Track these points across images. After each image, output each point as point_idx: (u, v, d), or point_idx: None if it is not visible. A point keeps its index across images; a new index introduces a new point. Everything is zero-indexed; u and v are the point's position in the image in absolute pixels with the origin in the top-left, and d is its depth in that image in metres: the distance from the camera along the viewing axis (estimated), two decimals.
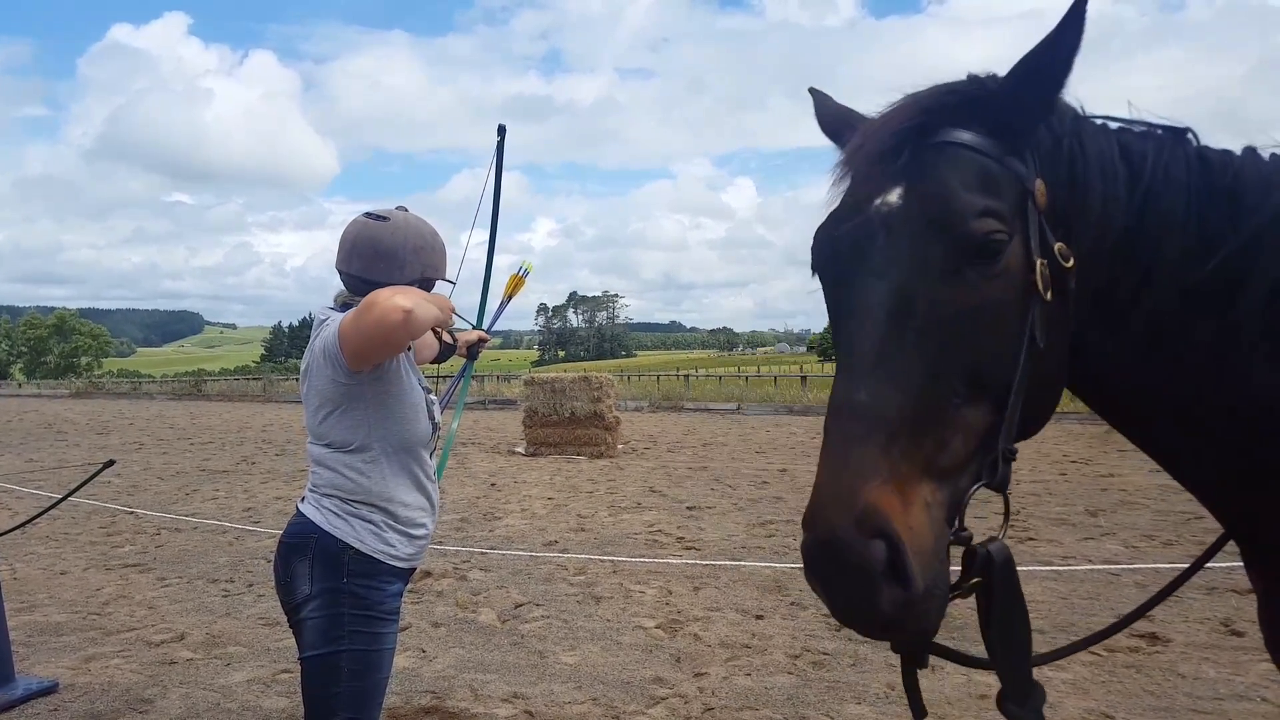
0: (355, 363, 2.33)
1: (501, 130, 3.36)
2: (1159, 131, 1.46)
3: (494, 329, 3.54)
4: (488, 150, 3.35)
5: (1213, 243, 1.38)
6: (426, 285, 2.64)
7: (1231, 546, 1.61)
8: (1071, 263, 1.33)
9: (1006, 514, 1.37)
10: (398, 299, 2.21)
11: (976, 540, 1.29)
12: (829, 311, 1.40)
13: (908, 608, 1.15)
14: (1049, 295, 1.31)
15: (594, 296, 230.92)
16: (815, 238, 1.43)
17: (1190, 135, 1.46)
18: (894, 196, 1.31)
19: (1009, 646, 1.34)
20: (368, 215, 2.59)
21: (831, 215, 1.40)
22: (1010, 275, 1.29)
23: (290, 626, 2.47)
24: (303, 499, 2.51)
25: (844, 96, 1.66)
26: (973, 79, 1.39)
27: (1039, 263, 1.30)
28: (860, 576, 1.14)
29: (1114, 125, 1.47)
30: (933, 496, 1.22)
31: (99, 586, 6.77)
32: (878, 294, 1.27)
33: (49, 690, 4.58)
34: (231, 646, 5.30)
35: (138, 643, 5.39)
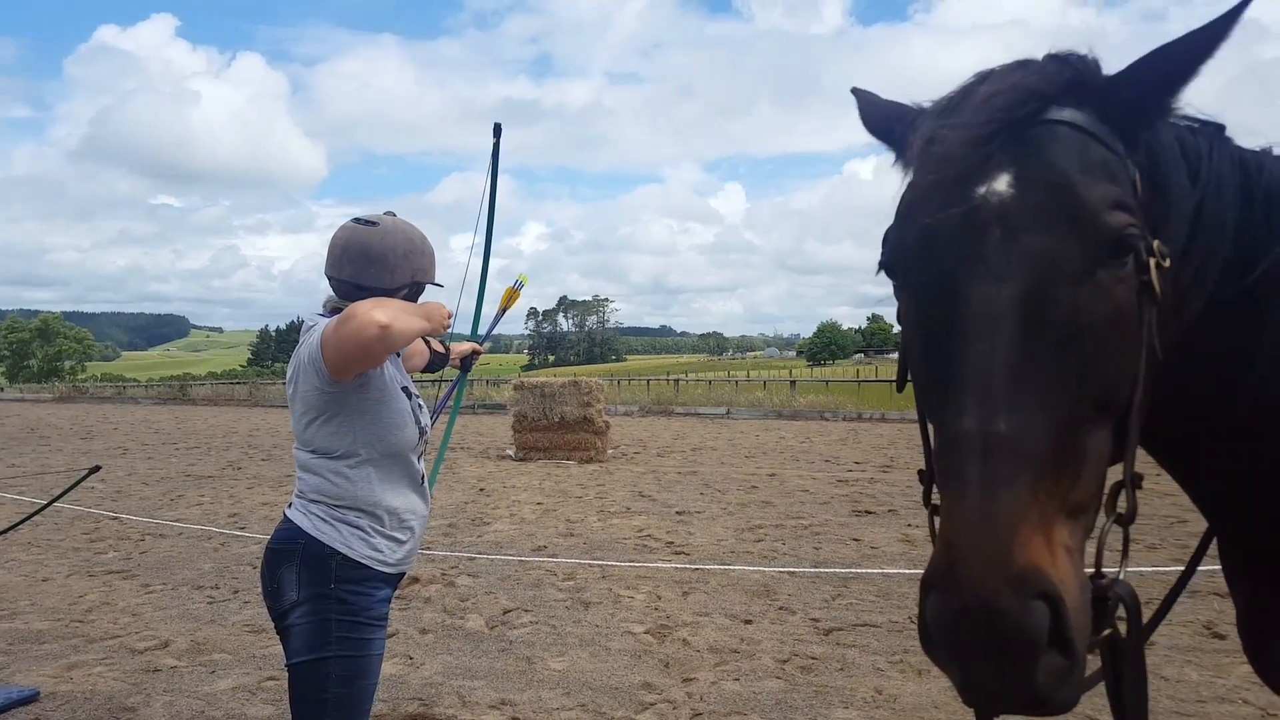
0: (336, 373, 2.33)
1: (497, 129, 3.36)
2: (1198, 126, 1.38)
3: (486, 337, 3.55)
4: (478, 153, 3.36)
5: (1251, 247, 1.33)
6: (417, 289, 2.65)
7: (1212, 549, 1.61)
8: (1169, 263, 1.20)
9: (1126, 549, 1.21)
10: (375, 313, 2.20)
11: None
12: (915, 318, 1.21)
13: (1069, 679, 1.01)
14: (1160, 299, 1.18)
15: (584, 301, 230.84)
16: (897, 230, 1.24)
17: (1225, 132, 1.40)
18: (1003, 184, 1.14)
19: (1137, 701, 1.21)
20: (356, 220, 2.60)
21: (917, 205, 1.21)
22: (1134, 277, 1.15)
23: (277, 633, 2.46)
24: (290, 505, 2.51)
25: (832, 104, 1.60)
26: (1074, 58, 1.25)
27: (1151, 262, 1.16)
28: (1022, 648, 0.97)
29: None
30: (1070, 539, 1.06)
31: (82, 593, 6.71)
32: (1002, 301, 1.09)
33: (30, 699, 4.53)
34: (216, 654, 5.26)
35: (121, 650, 5.34)
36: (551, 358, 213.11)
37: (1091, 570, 1.13)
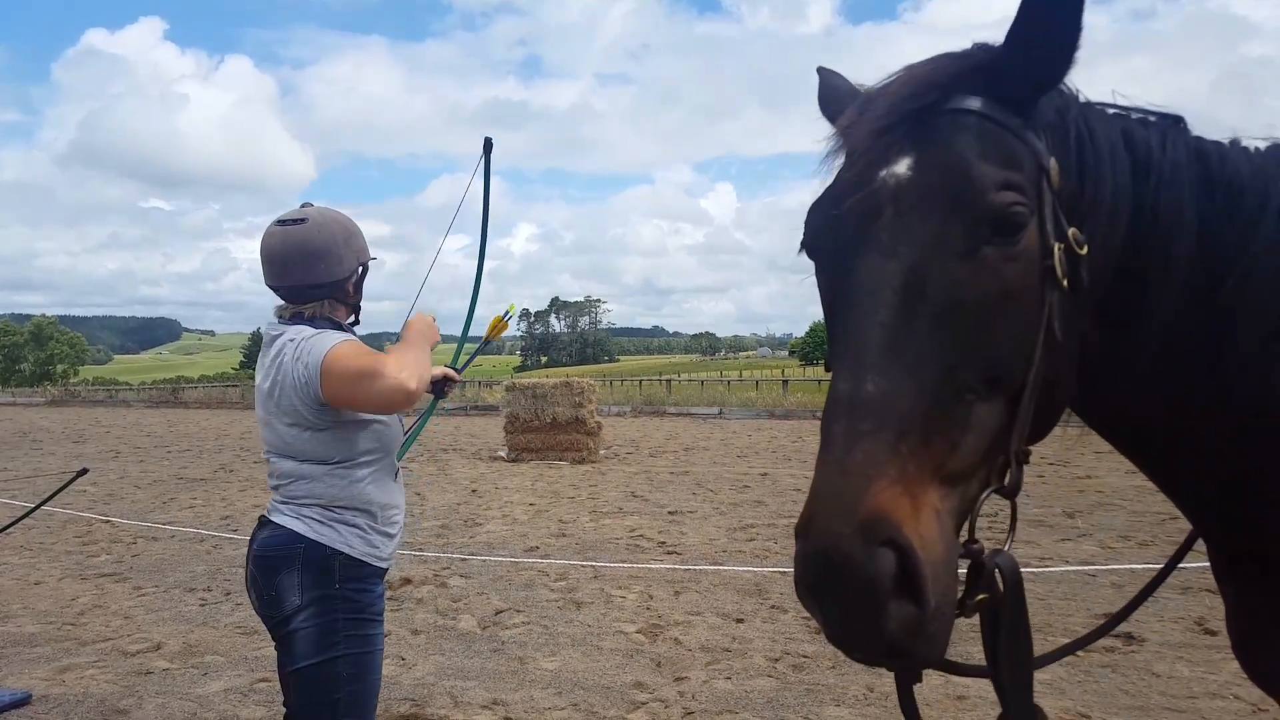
0: (336, 404, 2.37)
1: (488, 144, 3.30)
2: (1154, 119, 1.40)
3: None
4: (467, 156, 3.35)
5: (1216, 239, 1.34)
6: (363, 274, 2.63)
7: (1200, 547, 1.62)
8: (1085, 250, 1.23)
9: (1014, 523, 1.25)
10: (405, 379, 2.28)
11: (985, 551, 1.16)
12: (824, 295, 1.27)
13: (918, 628, 1.02)
14: (1066, 284, 1.20)
15: (576, 301, 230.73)
16: (810, 213, 1.30)
17: (1184, 124, 1.41)
18: (902, 167, 1.19)
19: (1015, 668, 1.23)
20: (280, 223, 2.53)
21: (829, 190, 1.28)
22: (1029, 258, 1.18)
23: (276, 639, 2.45)
24: (270, 511, 2.50)
25: (812, 99, 1.60)
26: (979, 46, 1.29)
27: (1057, 247, 1.19)
28: (866, 591, 1.00)
29: (1111, 112, 1.39)
30: (942, 503, 1.09)
31: (74, 596, 6.70)
32: (887, 274, 1.14)
33: (22, 702, 4.53)
34: (209, 656, 5.26)
35: (113, 653, 5.34)
36: (544, 359, 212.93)
37: (966, 537, 1.16)
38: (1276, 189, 1.36)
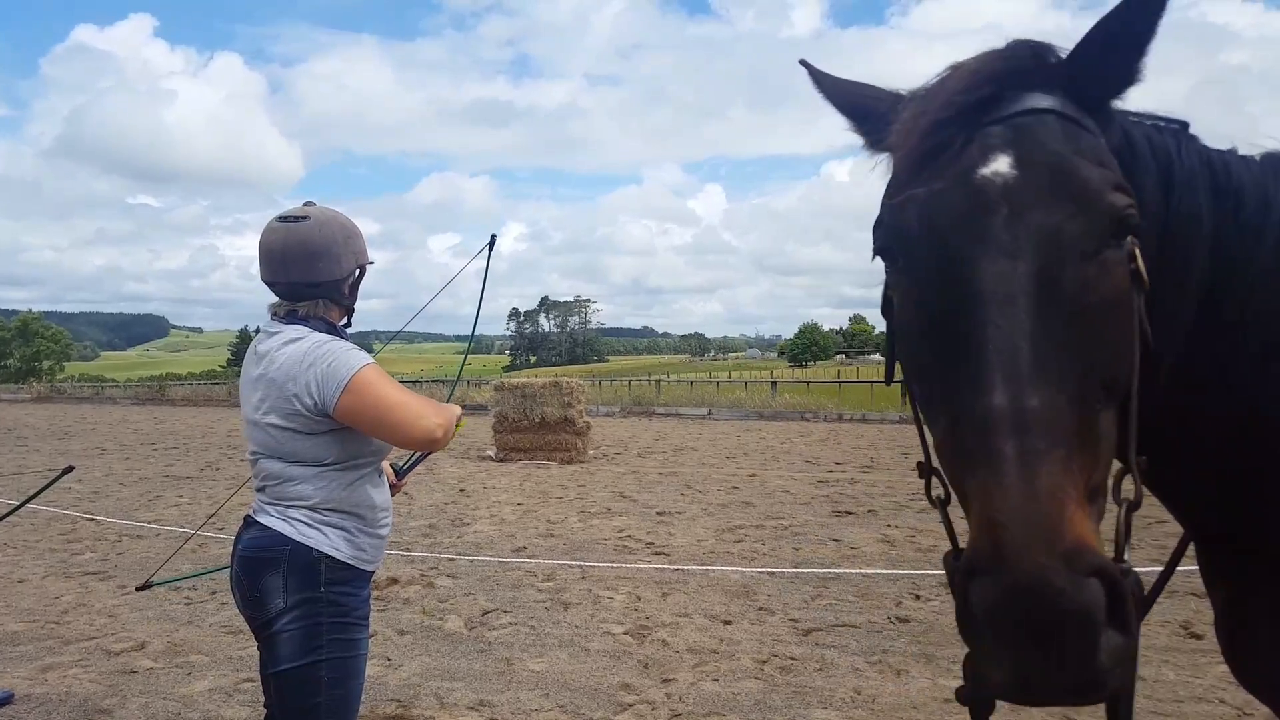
0: (342, 421, 2.38)
1: (492, 240, 3.31)
2: (1164, 125, 1.40)
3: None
4: (456, 154, 3.38)
5: (1224, 248, 1.34)
6: (360, 275, 2.62)
7: (1189, 551, 1.61)
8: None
9: (1128, 536, 1.14)
10: (436, 426, 2.40)
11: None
12: (916, 301, 1.19)
13: (1124, 658, 0.95)
14: (1146, 287, 1.18)
15: (565, 301, 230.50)
16: (895, 214, 1.22)
17: (1190, 130, 1.41)
18: (1004, 165, 1.15)
19: (1130, 691, 1.13)
20: (282, 219, 2.53)
21: (915, 190, 1.20)
22: (1128, 263, 1.16)
23: (260, 641, 2.43)
24: (256, 511, 2.48)
25: (809, 106, 1.57)
26: (1023, 45, 1.26)
27: (1136, 250, 1.17)
28: (1082, 625, 0.93)
29: (1132, 117, 1.38)
30: (1095, 522, 1.04)
31: (58, 595, 6.64)
32: (1019, 278, 1.08)
33: (4, 702, 4.48)
34: (193, 655, 5.23)
35: (97, 652, 5.30)
36: (533, 358, 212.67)
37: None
38: (1276, 198, 1.36)
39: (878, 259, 1.29)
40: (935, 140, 1.21)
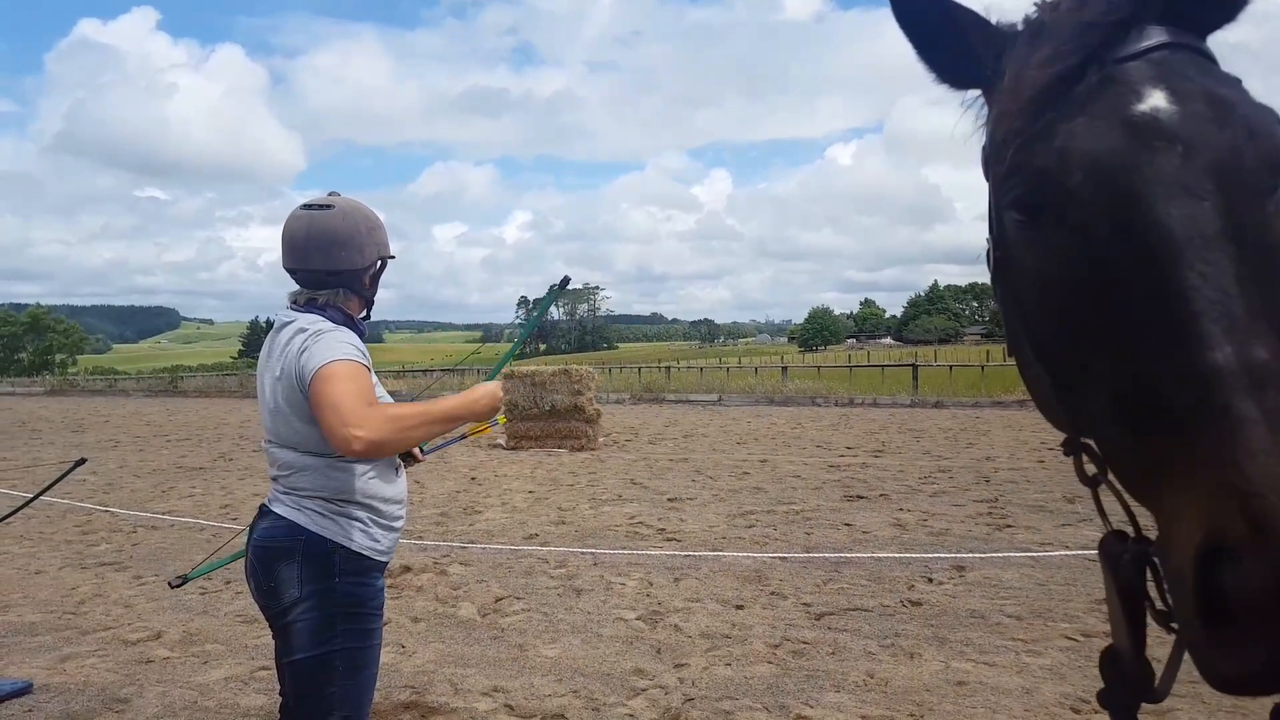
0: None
1: (565, 281, 3.29)
2: None
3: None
4: (459, 143, 3.39)
5: None
6: (381, 267, 2.62)
7: None
8: None
9: None
10: (358, 434, 2.16)
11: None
12: (1077, 252, 1.06)
13: None
14: None
15: (575, 289, 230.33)
16: (1037, 159, 1.11)
17: None
18: (1162, 100, 1.05)
19: None
20: (307, 207, 2.53)
21: (1058, 131, 1.09)
22: None
23: (274, 631, 2.44)
24: (271, 501, 2.48)
25: (810, 89, 1.46)
26: None
27: None
28: None
29: None
30: None
31: (74, 585, 6.70)
32: (1211, 219, 0.98)
33: (23, 691, 4.53)
34: (209, 644, 5.26)
35: (114, 642, 5.34)
36: (543, 346, 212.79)
37: None
38: None
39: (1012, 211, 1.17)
40: (1066, 80, 1.10)
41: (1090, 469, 1.17)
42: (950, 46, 1.29)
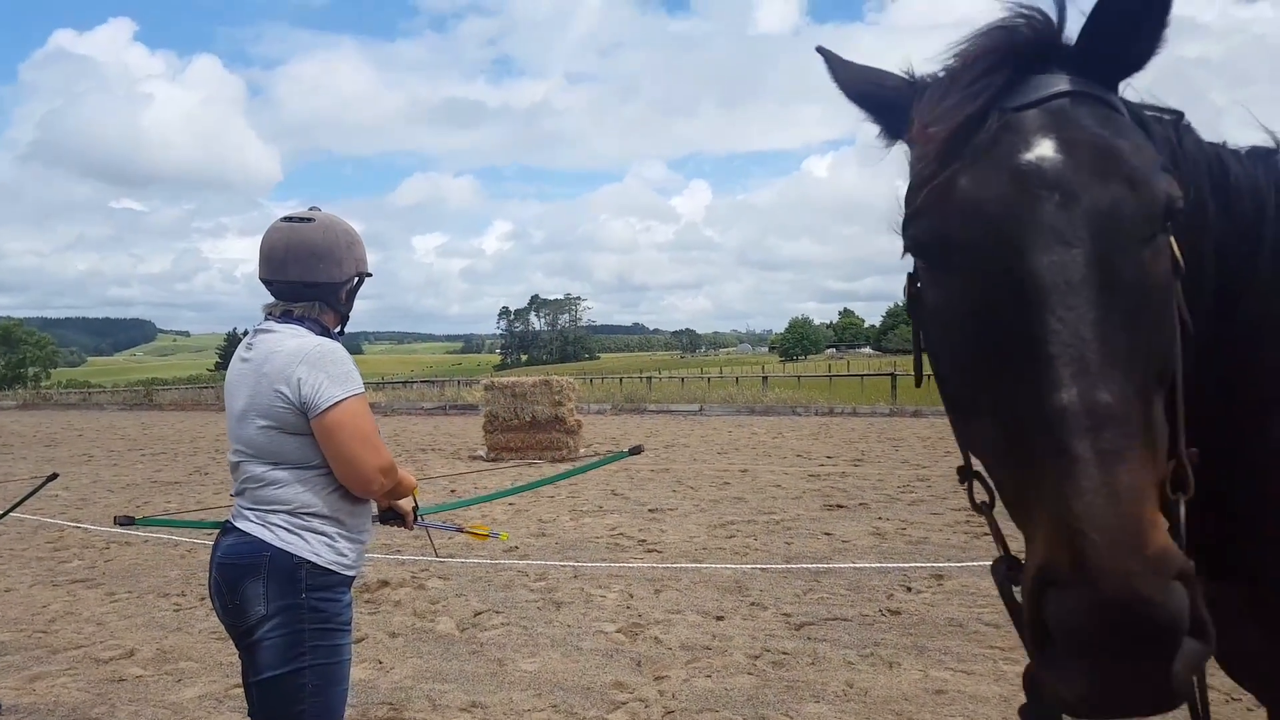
0: (316, 437, 2.41)
1: (637, 449, 4.27)
2: (1163, 114, 1.34)
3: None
4: (438, 153, 3.37)
5: (1223, 241, 1.31)
6: (359, 283, 2.63)
7: None
8: None
9: (1187, 534, 1.08)
10: (384, 480, 2.47)
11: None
12: (962, 295, 1.11)
13: (1199, 666, 0.92)
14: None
15: (555, 299, 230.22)
16: (934, 207, 1.15)
17: (1186, 121, 1.36)
18: (1048, 150, 1.09)
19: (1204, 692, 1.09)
20: (288, 219, 2.54)
21: (954, 181, 1.14)
22: (1169, 246, 1.11)
23: (241, 649, 2.41)
24: (235, 517, 2.45)
25: (788, 101, 1.55)
26: (1044, 18, 1.19)
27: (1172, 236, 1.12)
28: (1167, 634, 0.88)
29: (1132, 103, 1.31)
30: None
31: (45, 603, 6.59)
32: (1076, 266, 1.02)
33: None
34: (183, 662, 5.19)
35: (85, 660, 5.26)
36: (524, 357, 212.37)
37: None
38: (1270, 195, 1.34)
39: (909, 255, 1.24)
40: (966, 130, 1.15)
41: (981, 497, 1.25)
42: (886, 106, 1.37)
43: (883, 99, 1.36)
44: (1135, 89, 1.26)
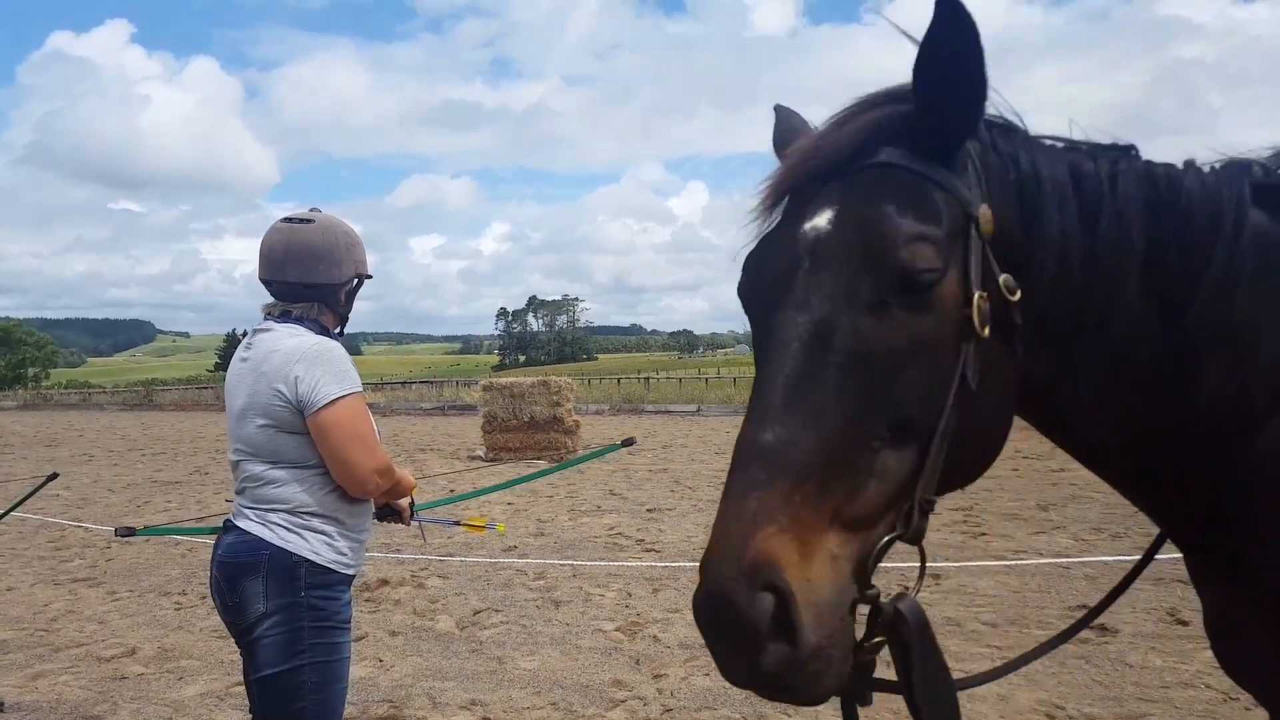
0: (312, 433, 2.43)
1: (628, 441, 4.31)
2: (1104, 150, 1.39)
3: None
4: (436, 155, 3.39)
5: (1163, 266, 1.34)
6: (358, 285, 2.64)
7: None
8: (1018, 296, 1.23)
9: (923, 568, 1.26)
10: (379, 480, 2.49)
11: (886, 597, 1.16)
12: (754, 344, 1.28)
13: (795, 667, 1.06)
14: (986, 332, 1.19)
15: (553, 300, 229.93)
16: (744, 264, 1.33)
17: (1135, 152, 1.40)
18: (823, 221, 1.22)
19: (935, 705, 1.22)
20: (288, 220, 2.56)
21: (761, 240, 1.32)
22: (944, 310, 1.18)
23: (241, 647, 2.43)
24: (235, 516, 2.47)
25: (786, 100, 1.57)
26: (890, 94, 1.29)
27: (977, 296, 1.19)
28: (745, 632, 1.06)
29: (1060, 145, 1.38)
30: (840, 549, 1.12)
31: (47, 602, 6.62)
32: (796, 327, 1.17)
33: None
34: (184, 660, 5.22)
35: (87, 658, 5.29)
36: (522, 357, 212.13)
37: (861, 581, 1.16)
38: (1229, 212, 1.35)
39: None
40: (781, 197, 1.31)
41: None
42: None
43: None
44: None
